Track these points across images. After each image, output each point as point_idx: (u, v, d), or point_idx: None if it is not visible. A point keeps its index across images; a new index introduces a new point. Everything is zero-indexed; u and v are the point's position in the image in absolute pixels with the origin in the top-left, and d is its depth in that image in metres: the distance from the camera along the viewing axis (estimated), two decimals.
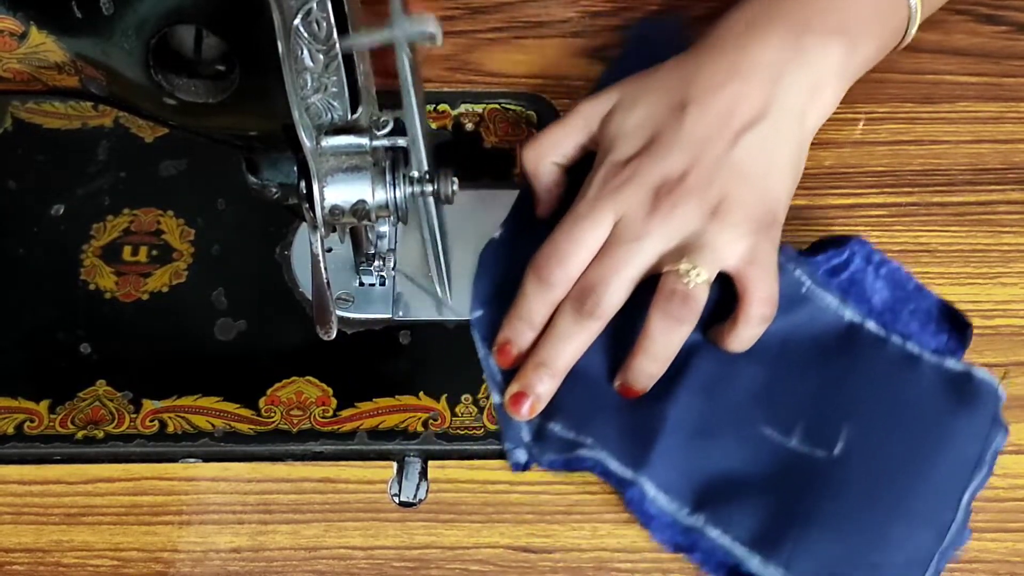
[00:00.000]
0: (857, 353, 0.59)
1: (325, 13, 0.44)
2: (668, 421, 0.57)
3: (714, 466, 0.57)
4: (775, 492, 0.56)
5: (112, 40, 0.45)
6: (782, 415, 0.58)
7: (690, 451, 0.57)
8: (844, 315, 0.60)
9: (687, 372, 0.59)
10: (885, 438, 0.57)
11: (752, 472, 0.57)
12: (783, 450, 0.57)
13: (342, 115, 0.48)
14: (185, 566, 0.56)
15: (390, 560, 0.56)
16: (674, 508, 0.56)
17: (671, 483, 0.56)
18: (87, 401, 0.59)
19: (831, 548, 0.54)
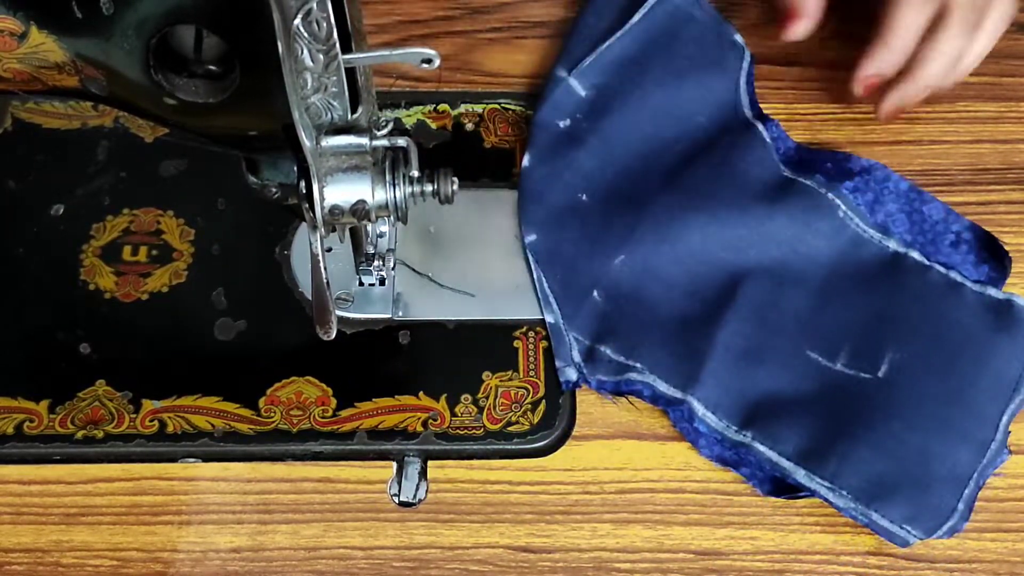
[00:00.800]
0: (901, 280, 0.62)
1: (325, 13, 0.44)
2: (718, 344, 0.60)
3: (761, 387, 0.59)
4: (821, 411, 0.58)
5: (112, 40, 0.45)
6: (828, 340, 0.60)
7: (738, 372, 0.60)
8: (889, 246, 0.62)
9: (736, 299, 0.61)
10: (928, 360, 0.59)
11: (799, 392, 0.59)
12: (829, 372, 0.60)
13: (342, 115, 0.48)
14: (185, 566, 0.56)
15: (390, 560, 0.56)
16: (722, 426, 0.58)
17: (720, 402, 0.59)
18: (87, 401, 0.59)
19: (875, 463, 0.56)
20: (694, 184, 0.64)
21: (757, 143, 0.65)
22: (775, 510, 0.58)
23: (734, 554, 0.57)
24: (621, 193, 0.64)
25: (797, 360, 0.60)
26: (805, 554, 0.57)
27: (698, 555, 0.57)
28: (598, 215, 0.64)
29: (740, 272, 0.62)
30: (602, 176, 0.65)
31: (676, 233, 0.63)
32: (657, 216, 0.63)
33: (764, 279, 0.62)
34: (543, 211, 0.64)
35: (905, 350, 0.60)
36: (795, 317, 0.61)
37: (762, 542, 0.57)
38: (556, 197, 0.64)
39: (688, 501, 0.58)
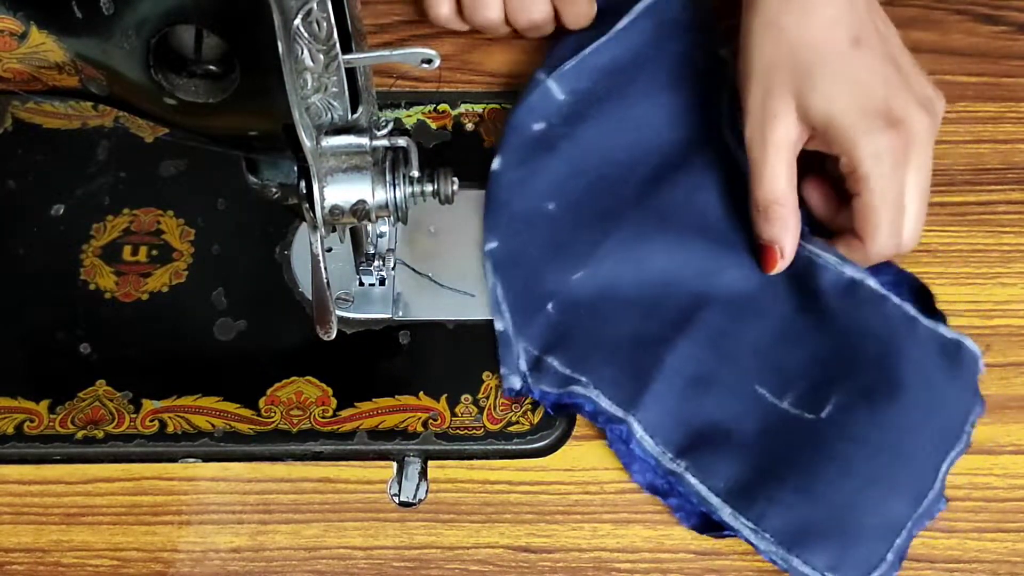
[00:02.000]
0: (857, 311, 0.60)
1: (325, 13, 0.44)
2: (666, 367, 0.59)
3: (704, 416, 0.58)
4: (759, 449, 0.57)
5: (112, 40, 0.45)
6: (779, 376, 0.59)
7: (684, 398, 0.58)
8: (844, 271, 0.61)
9: (692, 324, 0.60)
10: (873, 402, 0.57)
11: (740, 428, 0.58)
12: (774, 410, 0.59)
13: (342, 115, 0.48)
14: (185, 566, 0.56)
15: (390, 560, 0.56)
16: (659, 451, 0.57)
17: (660, 426, 0.58)
18: (87, 401, 0.59)
19: (803, 507, 0.55)
20: (666, 206, 0.63)
21: (735, 171, 0.63)
22: None
23: (734, 554, 0.57)
24: (590, 206, 0.63)
25: (745, 394, 0.59)
26: None
27: (698, 555, 0.57)
28: (565, 226, 0.63)
29: (701, 298, 0.61)
30: (573, 186, 0.64)
31: (642, 254, 0.62)
32: (624, 234, 0.62)
33: (724, 307, 0.60)
34: (507, 217, 0.63)
35: (852, 391, 0.58)
36: (751, 350, 0.60)
37: None
38: (522, 204, 0.63)
39: None
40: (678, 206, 0.63)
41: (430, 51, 0.47)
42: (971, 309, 0.62)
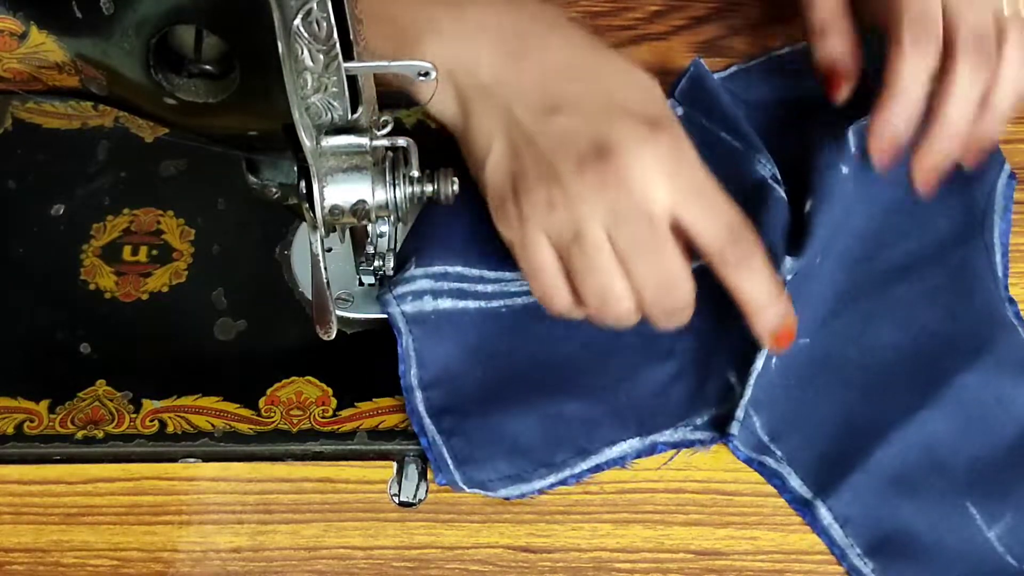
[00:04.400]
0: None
1: (325, 13, 0.44)
2: (872, 460, 0.57)
3: (902, 520, 0.56)
4: (951, 571, 0.55)
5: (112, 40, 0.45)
6: (993, 499, 0.56)
7: (883, 496, 0.56)
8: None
9: (911, 423, 0.57)
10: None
11: (940, 544, 0.55)
12: (979, 536, 0.56)
13: (342, 115, 0.48)
14: (185, 566, 0.56)
15: (390, 560, 0.56)
16: (847, 543, 0.56)
17: (851, 518, 0.56)
18: (87, 401, 0.59)
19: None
20: (906, 290, 0.61)
21: (982, 262, 0.61)
22: (775, 510, 0.58)
23: (734, 554, 0.57)
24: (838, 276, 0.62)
25: (953, 510, 0.56)
26: (805, 554, 0.57)
27: (698, 555, 0.57)
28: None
29: (926, 395, 0.58)
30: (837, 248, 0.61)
31: (873, 336, 0.60)
32: (860, 310, 0.61)
33: (948, 412, 0.58)
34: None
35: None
36: (969, 466, 0.57)
37: (762, 542, 0.57)
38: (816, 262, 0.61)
39: (688, 501, 0.58)
40: (917, 290, 0.61)
41: (426, 64, 0.48)
42: None
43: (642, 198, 0.52)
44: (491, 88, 0.55)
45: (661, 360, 0.60)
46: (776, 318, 0.55)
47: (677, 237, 0.53)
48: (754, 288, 0.54)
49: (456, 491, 0.57)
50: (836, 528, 0.56)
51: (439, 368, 0.59)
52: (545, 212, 0.53)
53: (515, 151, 0.54)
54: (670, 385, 0.60)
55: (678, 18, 0.74)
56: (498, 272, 0.61)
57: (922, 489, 0.56)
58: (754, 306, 0.55)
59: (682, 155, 0.54)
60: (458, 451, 0.57)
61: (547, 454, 0.57)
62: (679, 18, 0.74)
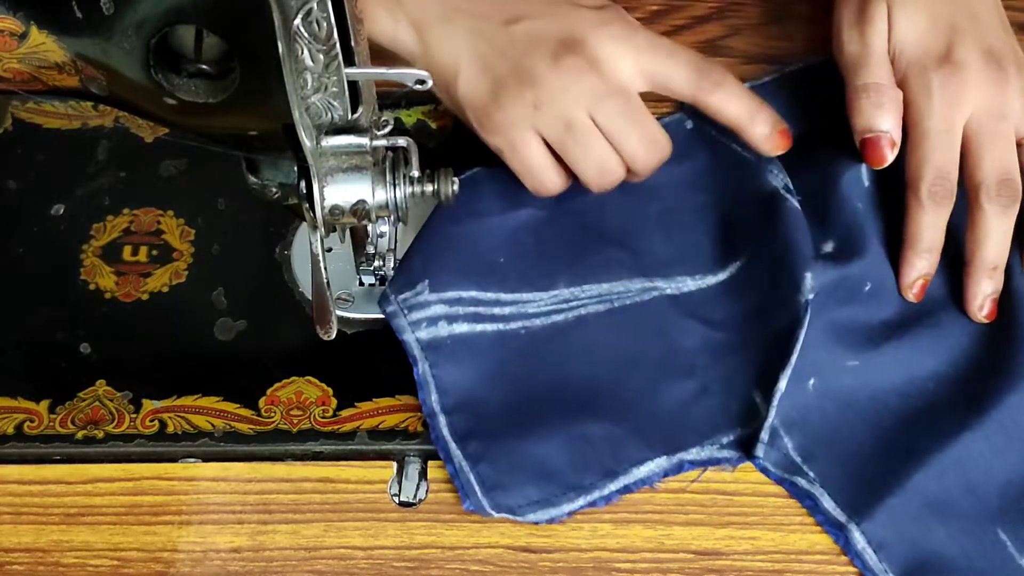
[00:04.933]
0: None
1: (325, 13, 0.44)
2: (910, 483, 0.56)
3: (935, 545, 0.55)
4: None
5: (112, 40, 0.45)
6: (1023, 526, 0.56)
7: (917, 520, 0.56)
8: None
9: (947, 446, 0.57)
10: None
11: (973, 568, 0.55)
12: (1012, 563, 0.55)
13: (342, 115, 0.48)
14: (185, 566, 0.56)
15: (390, 560, 0.56)
16: (880, 568, 0.55)
17: (886, 542, 0.55)
18: (87, 401, 0.59)
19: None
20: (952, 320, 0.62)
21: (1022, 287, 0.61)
22: (775, 510, 0.58)
23: (734, 554, 0.57)
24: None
25: (985, 536, 0.55)
26: (805, 554, 0.57)
27: (698, 555, 0.57)
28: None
29: (963, 420, 0.58)
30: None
31: (916, 360, 0.60)
32: (909, 336, 0.61)
33: (986, 433, 0.57)
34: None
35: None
36: (1002, 491, 0.57)
37: (762, 542, 0.57)
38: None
39: (688, 501, 0.58)
40: (960, 319, 0.61)
41: (423, 72, 0.48)
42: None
43: (614, 76, 0.58)
44: (448, 15, 0.59)
45: (683, 377, 0.60)
46: (766, 123, 0.60)
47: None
48: (737, 105, 0.60)
49: (484, 516, 0.56)
50: (870, 553, 0.55)
51: (460, 393, 0.59)
52: (531, 112, 0.58)
53: (486, 65, 0.59)
54: (693, 402, 0.59)
55: (678, 18, 0.74)
56: (515, 294, 0.61)
57: (956, 513, 0.56)
58: (743, 120, 0.60)
59: (631, 27, 0.59)
60: (486, 478, 0.56)
61: (575, 477, 0.57)
62: (679, 18, 0.74)
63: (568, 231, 0.64)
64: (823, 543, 0.57)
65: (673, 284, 0.63)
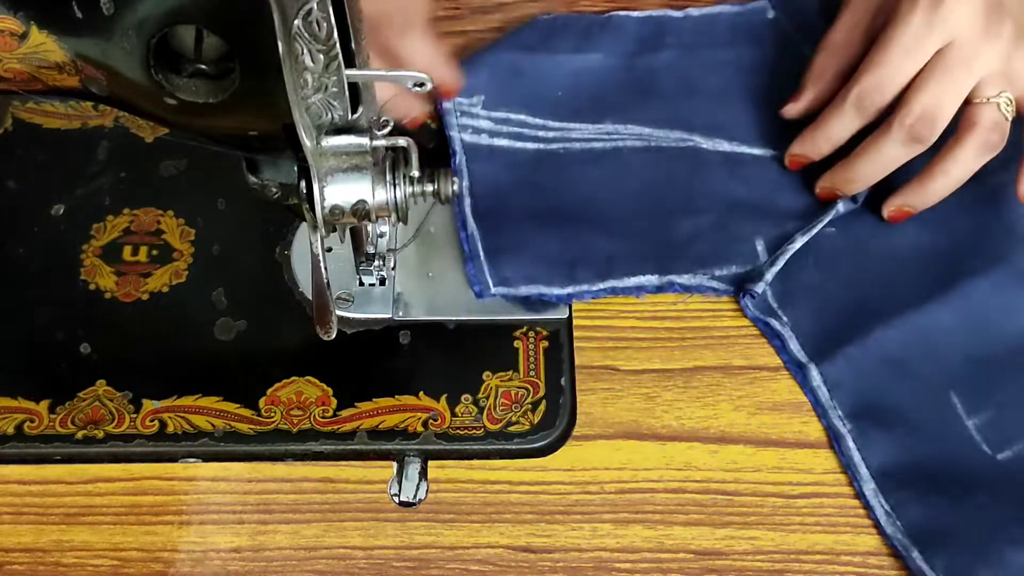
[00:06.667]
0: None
1: (325, 13, 0.44)
2: (870, 339, 0.60)
3: (887, 395, 0.59)
4: (927, 448, 0.58)
5: (112, 40, 0.45)
6: (977, 393, 0.59)
7: (873, 372, 0.60)
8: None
9: (910, 312, 0.61)
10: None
11: (917, 420, 0.58)
12: (956, 423, 0.59)
13: (342, 115, 0.48)
14: (185, 566, 0.56)
15: (390, 560, 0.56)
16: (830, 405, 0.59)
17: (839, 384, 0.60)
18: (87, 401, 0.59)
19: (949, 519, 0.56)
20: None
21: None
22: (775, 510, 0.58)
23: (734, 554, 0.57)
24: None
25: (937, 396, 0.59)
26: (805, 554, 0.57)
27: (698, 555, 0.57)
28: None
29: (937, 296, 0.61)
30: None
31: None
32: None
33: (955, 315, 0.61)
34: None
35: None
36: (963, 361, 0.60)
37: (762, 542, 0.57)
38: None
39: (688, 501, 0.58)
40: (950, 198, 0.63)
41: (422, 75, 0.48)
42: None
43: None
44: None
45: (697, 213, 0.64)
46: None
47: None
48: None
49: (483, 292, 0.61)
50: (824, 390, 0.60)
51: (489, 184, 0.64)
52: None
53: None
54: (697, 236, 0.64)
55: None
56: (563, 123, 0.67)
57: (912, 372, 0.60)
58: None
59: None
60: (490, 245, 0.62)
61: (568, 268, 0.62)
62: None
63: (629, 83, 0.69)
64: (823, 543, 0.57)
65: (710, 142, 0.67)
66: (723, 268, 0.63)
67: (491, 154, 0.66)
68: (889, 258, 0.63)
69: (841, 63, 0.64)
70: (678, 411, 0.61)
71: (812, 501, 0.58)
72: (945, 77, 0.59)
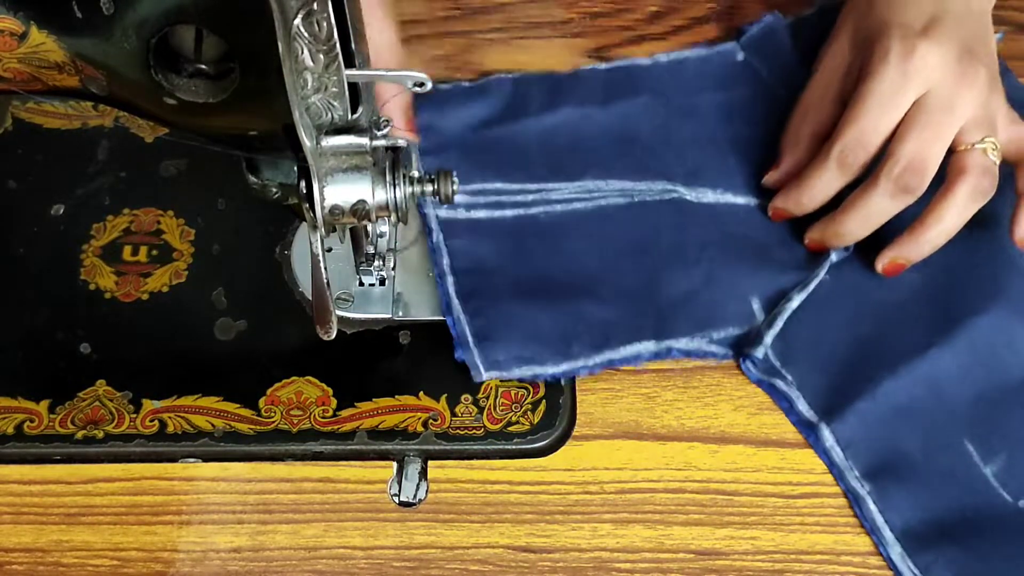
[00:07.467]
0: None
1: (325, 13, 0.44)
2: (879, 391, 0.59)
3: (901, 447, 0.58)
4: (947, 500, 0.57)
5: (112, 40, 0.45)
6: (991, 438, 0.58)
7: (885, 424, 0.58)
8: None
9: (917, 358, 0.60)
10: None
11: (934, 470, 0.57)
12: (975, 471, 0.58)
13: (342, 115, 0.48)
14: (185, 566, 0.56)
15: (390, 560, 0.56)
16: (846, 466, 0.58)
17: (853, 442, 0.58)
18: (87, 401, 0.59)
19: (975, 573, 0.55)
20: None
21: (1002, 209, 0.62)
22: (775, 510, 0.58)
23: (734, 554, 0.57)
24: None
25: (950, 443, 0.58)
26: (805, 554, 0.57)
27: (698, 555, 0.57)
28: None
29: (940, 338, 0.60)
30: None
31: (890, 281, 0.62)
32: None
33: (959, 356, 0.60)
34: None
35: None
36: (972, 403, 0.59)
37: (762, 542, 0.57)
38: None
39: (688, 501, 0.58)
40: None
41: (422, 75, 0.48)
42: None
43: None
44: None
45: (688, 268, 0.63)
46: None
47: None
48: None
49: (475, 376, 0.59)
50: (838, 451, 0.58)
51: (471, 260, 0.62)
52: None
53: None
54: (692, 295, 0.62)
55: (678, 19, 0.74)
56: (541, 183, 0.65)
57: (924, 419, 0.58)
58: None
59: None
60: (478, 329, 0.60)
61: (564, 345, 0.60)
62: (679, 19, 0.74)
63: (602, 135, 0.67)
64: (823, 543, 0.57)
65: (694, 193, 0.66)
66: (720, 331, 0.61)
67: (470, 227, 0.63)
68: (886, 302, 0.62)
69: (816, 126, 0.63)
70: (678, 411, 0.61)
71: (812, 501, 0.58)
72: (928, 125, 0.58)
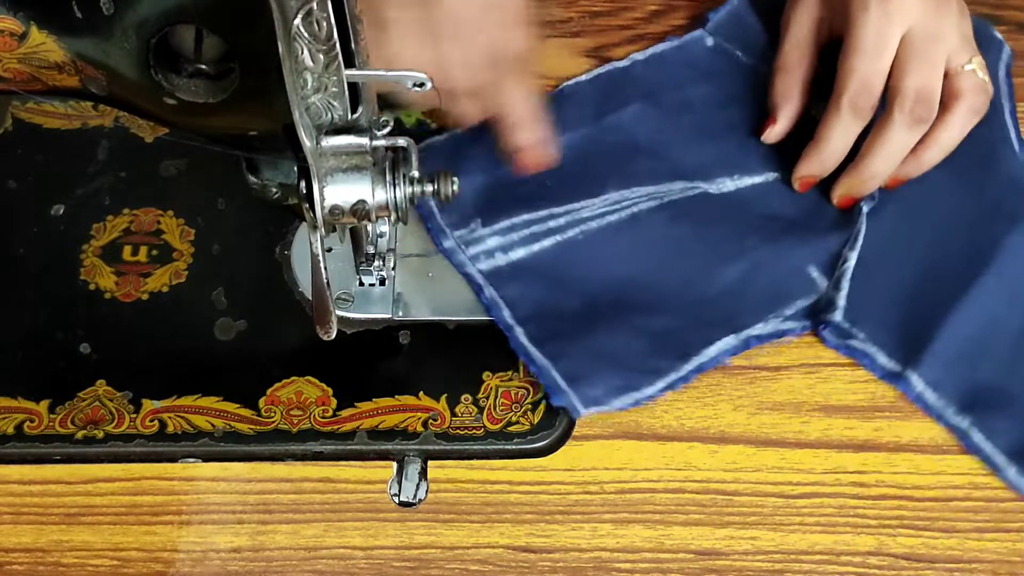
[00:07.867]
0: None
1: (325, 13, 0.44)
2: (945, 330, 0.61)
3: (983, 378, 0.60)
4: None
5: (112, 40, 0.45)
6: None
7: (961, 360, 0.60)
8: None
9: (971, 293, 0.62)
10: None
11: (1017, 392, 0.60)
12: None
13: (342, 115, 0.48)
14: (185, 566, 0.56)
15: (390, 560, 0.56)
16: (941, 405, 0.60)
17: (942, 381, 0.60)
18: (87, 401, 0.59)
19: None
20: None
21: (1000, 138, 0.66)
22: (775, 510, 0.58)
23: (734, 554, 0.57)
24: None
25: (1019, 358, 0.61)
26: (805, 554, 0.57)
27: (698, 555, 0.57)
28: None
29: (980, 267, 0.62)
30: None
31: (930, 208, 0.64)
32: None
33: (1001, 280, 0.62)
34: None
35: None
36: (1022, 317, 0.61)
37: (762, 542, 0.57)
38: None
39: (688, 501, 0.58)
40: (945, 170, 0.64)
41: (422, 75, 0.48)
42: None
43: None
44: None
45: (734, 259, 0.63)
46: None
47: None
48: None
49: (573, 415, 0.58)
50: (930, 393, 0.60)
51: (530, 304, 0.62)
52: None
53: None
54: (747, 282, 0.63)
55: (677, 18, 0.74)
56: (567, 205, 0.64)
57: (992, 347, 0.61)
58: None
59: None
60: (568, 372, 0.59)
61: (652, 362, 0.60)
62: (678, 18, 0.74)
63: (607, 148, 0.67)
64: (823, 543, 0.57)
65: (714, 185, 0.66)
66: (790, 307, 0.62)
67: (515, 272, 0.63)
68: (924, 242, 0.64)
69: (802, 78, 0.66)
70: (678, 411, 0.61)
71: (812, 501, 0.58)
72: (922, 57, 0.61)
